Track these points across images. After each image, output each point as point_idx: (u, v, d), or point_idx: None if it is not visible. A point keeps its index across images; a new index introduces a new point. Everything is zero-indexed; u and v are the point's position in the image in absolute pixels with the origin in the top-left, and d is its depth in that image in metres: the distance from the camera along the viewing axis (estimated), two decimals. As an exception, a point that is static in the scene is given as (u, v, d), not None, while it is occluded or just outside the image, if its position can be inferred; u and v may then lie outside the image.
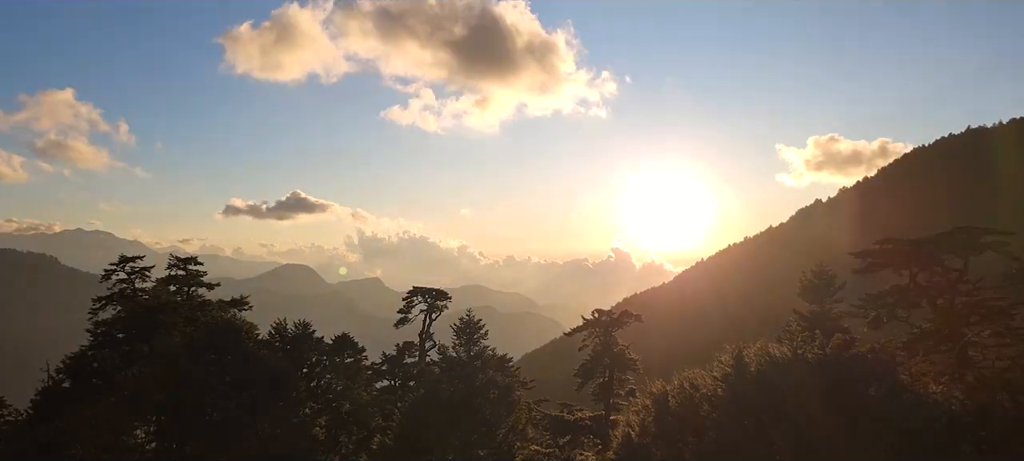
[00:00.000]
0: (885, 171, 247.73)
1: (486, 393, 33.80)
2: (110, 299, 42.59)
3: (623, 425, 29.84)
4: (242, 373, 33.54)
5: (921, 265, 31.07)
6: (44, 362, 36.75)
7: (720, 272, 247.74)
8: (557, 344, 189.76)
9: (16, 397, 37.28)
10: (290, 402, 34.55)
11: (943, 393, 23.03)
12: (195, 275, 46.39)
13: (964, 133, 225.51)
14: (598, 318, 51.69)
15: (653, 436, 26.97)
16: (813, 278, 38.59)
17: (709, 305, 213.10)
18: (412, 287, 57.96)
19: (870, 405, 21.84)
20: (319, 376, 41.09)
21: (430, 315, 56.43)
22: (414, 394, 37.75)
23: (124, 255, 45.08)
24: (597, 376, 49.89)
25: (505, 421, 33.95)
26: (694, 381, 27.56)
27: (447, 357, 38.37)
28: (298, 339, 40.56)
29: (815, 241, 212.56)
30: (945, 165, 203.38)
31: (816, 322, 34.28)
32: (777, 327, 37.58)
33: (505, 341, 70.07)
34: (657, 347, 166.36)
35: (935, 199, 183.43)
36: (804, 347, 24.28)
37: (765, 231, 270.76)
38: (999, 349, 27.89)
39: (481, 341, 38.70)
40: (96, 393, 33.85)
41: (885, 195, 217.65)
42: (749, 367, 24.58)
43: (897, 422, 21.07)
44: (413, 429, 31.66)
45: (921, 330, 29.84)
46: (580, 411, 52.50)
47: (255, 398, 33.21)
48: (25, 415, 34.83)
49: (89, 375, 36.40)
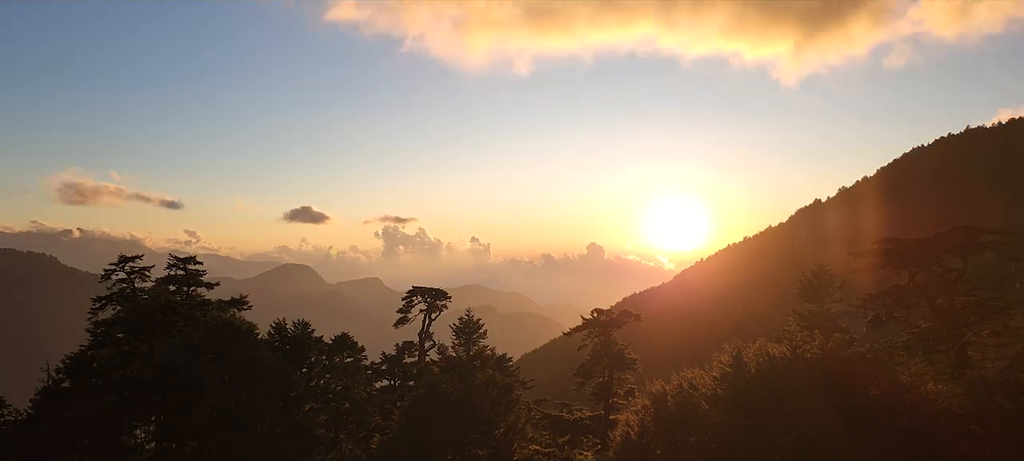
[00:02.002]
0: (885, 170, 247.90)
1: (485, 393, 33.83)
2: (110, 299, 42.60)
3: (622, 425, 29.86)
4: (242, 373, 33.55)
5: (920, 265, 31.14)
6: (44, 362, 36.74)
7: (719, 272, 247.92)
8: (556, 344, 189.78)
9: (16, 397, 37.28)
10: (290, 402, 34.56)
11: (942, 393, 23.06)
12: (195, 275, 46.40)
13: (964, 133, 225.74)
14: (597, 318, 51.73)
15: (652, 436, 27.00)
16: (812, 278, 38.61)
17: (708, 305, 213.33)
18: (412, 287, 58.04)
19: (869, 404, 21.86)
20: (319, 376, 41.14)
21: (429, 315, 56.48)
22: (414, 394, 37.74)
23: (124, 255, 45.09)
24: (596, 376, 49.90)
25: (504, 421, 34.00)
26: (693, 381, 27.61)
27: (447, 357, 38.43)
28: (298, 339, 40.61)
29: (815, 241, 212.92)
30: (945, 165, 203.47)
31: (815, 322, 34.30)
32: (776, 327, 37.61)
33: (505, 341, 70.04)
34: (657, 347, 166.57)
35: (934, 199, 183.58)
36: (803, 347, 24.31)
37: (765, 231, 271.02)
38: (998, 349, 27.98)
39: (480, 341, 38.78)
40: (96, 393, 33.84)
41: (885, 195, 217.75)
42: (748, 367, 24.62)
43: (896, 421, 21.11)
44: (413, 428, 31.70)
45: (920, 330, 29.90)
46: (579, 411, 52.52)
47: (255, 398, 33.20)
48: (25, 415, 34.83)
49: (89, 375, 36.40)
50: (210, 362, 33.81)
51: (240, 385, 33.31)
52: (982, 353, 28.54)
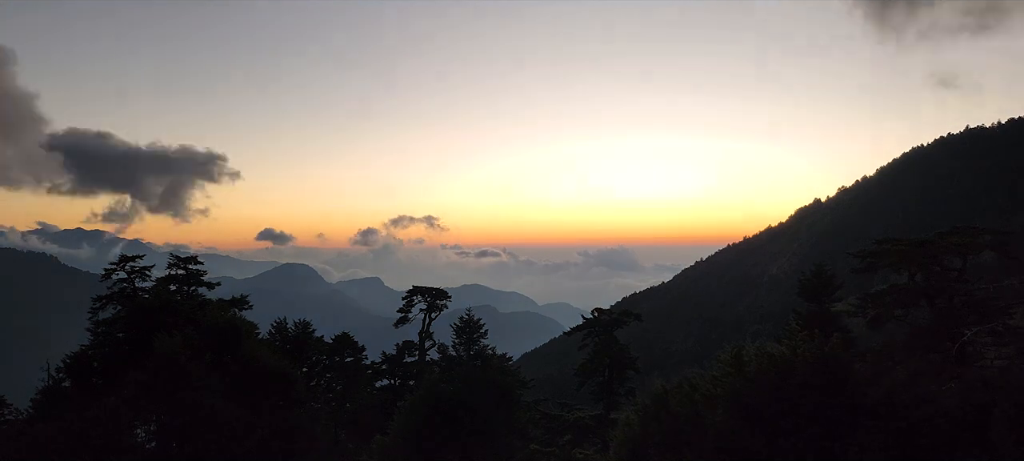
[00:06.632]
0: (884, 170, 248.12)
1: (486, 392, 33.86)
2: (110, 298, 42.58)
3: (623, 424, 29.89)
4: (242, 373, 33.58)
5: (920, 265, 31.17)
6: (44, 362, 36.78)
7: (719, 271, 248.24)
8: (557, 344, 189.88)
9: (17, 397, 37.34)
10: (290, 402, 34.60)
11: (942, 392, 23.08)
12: (195, 274, 46.44)
13: (963, 133, 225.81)
14: (598, 317, 51.79)
15: (653, 435, 27.03)
16: (812, 277, 38.63)
17: (708, 304, 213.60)
18: (412, 286, 58.07)
19: (869, 404, 21.89)
20: (319, 375, 41.25)
21: (430, 314, 56.50)
22: (414, 394, 37.79)
23: (124, 254, 45.11)
24: (597, 375, 49.97)
25: (505, 420, 34.03)
26: (694, 380, 27.66)
27: (447, 356, 38.46)
28: (298, 339, 40.70)
29: (814, 240, 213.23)
30: (944, 164, 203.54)
31: (815, 321, 34.32)
32: (776, 326, 37.64)
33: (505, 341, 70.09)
34: (657, 347, 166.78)
35: (934, 199, 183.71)
36: (803, 346, 24.32)
37: (764, 231, 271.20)
38: (998, 348, 27.98)
39: (481, 340, 38.82)
40: (96, 393, 33.87)
41: (884, 194, 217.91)
42: (749, 366, 24.64)
43: (896, 421, 21.13)
44: (413, 428, 31.72)
45: (920, 329, 29.92)
46: (580, 410, 52.59)
47: (255, 398, 33.23)
48: (26, 414, 34.88)
49: (89, 375, 36.45)
50: (210, 362, 33.84)
51: (240, 386, 33.34)
52: (982, 353, 28.55)
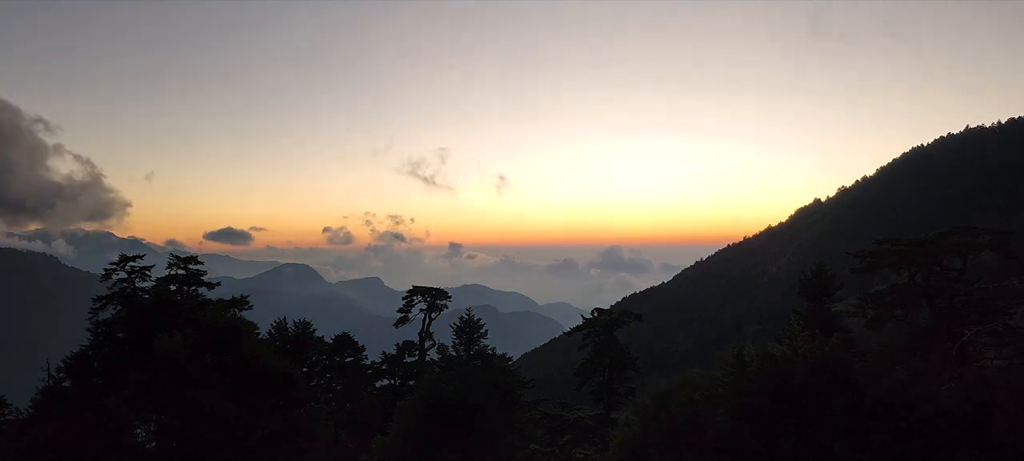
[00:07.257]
0: (884, 170, 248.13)
1: (486, 392, 33.86)
2: (110, 298, 42.57)
3: (623, 424, 29.89)
4: (242, 373, 33.58)
5: (920, 265, 31.17)
6: (44, 361, 36.80)
7: (719, 271, 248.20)
8: (557, 344, 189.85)
9: (17, 397, 37.37)
10: (290, 402, 34.60)
11: (942, 393, 23.08)
12: (195, 274, 46.41)
13: (963, 133, 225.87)
14: (598, 317, 51.80)
15: (653, 435, 27.03)
16: (812, 277, 38.65)
17: (709, 304, 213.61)
18: (412, 286, 58.07)
19: (869, 404, 21.89)
20: (319, 375, 41.25)
21: (430, 314, 56.50)
22: (414, 394, 37.80)
23: (124, 254, 45.09)
24: (597, 375, 49.99)
25: (505, 420, 34.03)
26: (694, 380, 27.65)
27: (447, 356, 38.47)
28: (298, 339, 40.70)
29: (814, 240, 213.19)
30: (944, 164, 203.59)
31: (815, 321, 34.33)
32: (776, 326, 37.67)
33: (505, 341, 70.11)
34: (657, 347, 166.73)
35: (934, 199, 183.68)
36: (804, 347, 24.32)
37: (764, 231, 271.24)
38: (998, 348, 27.98)
39: (481, 340, 38.84)
40: (96, 393, 33.88)
41: (884, 194, 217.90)
42: (749, 366, 24.63)
43: (896, 421, 21.13)
44: (413, 428, 31.71)
45: (920, 329, 29.92)
46: (580, 410, 52.59)
47: (255, 398, 33.24)
48: (26, 414, 34.89)
49: (89, 375, 36.45)
50: (210, 362, 33.84)
51: (241, 386, 33.34)
52: (982, 353, 28.55)
